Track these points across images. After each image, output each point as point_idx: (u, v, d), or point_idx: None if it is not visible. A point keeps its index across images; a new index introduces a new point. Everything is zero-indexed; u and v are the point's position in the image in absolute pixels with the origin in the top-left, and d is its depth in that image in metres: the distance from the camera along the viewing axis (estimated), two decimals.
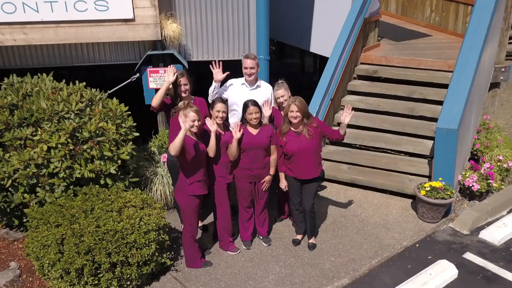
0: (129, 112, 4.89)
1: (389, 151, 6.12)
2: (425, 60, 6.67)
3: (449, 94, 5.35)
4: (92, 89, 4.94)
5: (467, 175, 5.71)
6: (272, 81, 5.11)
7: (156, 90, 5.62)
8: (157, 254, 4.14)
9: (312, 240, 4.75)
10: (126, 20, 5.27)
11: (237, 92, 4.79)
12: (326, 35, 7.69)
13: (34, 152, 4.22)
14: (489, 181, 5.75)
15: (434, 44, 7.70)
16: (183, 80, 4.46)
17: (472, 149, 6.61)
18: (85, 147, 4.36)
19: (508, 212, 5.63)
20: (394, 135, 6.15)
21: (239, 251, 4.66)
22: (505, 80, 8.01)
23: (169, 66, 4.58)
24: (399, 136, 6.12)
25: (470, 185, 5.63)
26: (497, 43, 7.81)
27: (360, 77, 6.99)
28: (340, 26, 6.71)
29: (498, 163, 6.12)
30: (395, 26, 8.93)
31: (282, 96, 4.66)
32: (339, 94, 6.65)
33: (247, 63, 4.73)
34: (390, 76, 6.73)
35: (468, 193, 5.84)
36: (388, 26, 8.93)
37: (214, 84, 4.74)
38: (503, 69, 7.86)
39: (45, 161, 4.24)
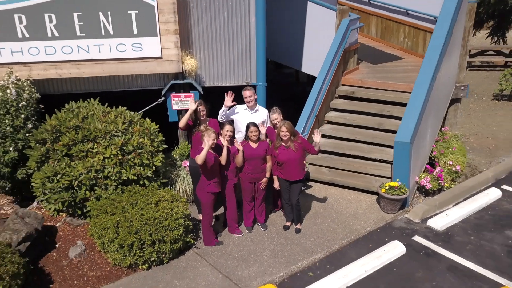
0: (159, 129, 6.45)
1: (361, 157, 7.66)
2: (393, 84, 8.21)
3: (405, 113, 6.90)
4: (127, 110, 6.49)
5: (422, 177, 7.27)
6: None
7: (178, 110, 7.21)
8: (183, 235, 5.68)
9: (298, 226, 6.30)
10: (155, 58, 6.82)
11: (241, 115, 6.35)
12: (315, 58, 9.19)
13: (93, 161, 5.77)
14: (440, 181, 7.32)
15: (404, 67, 9.23)
16: (201, 108, 6.01)
17: (431, 155, 8.17)
18: (129, 157, 5.92)
19: (454, 205, 7.19)
20: (366, 145, 7.70)
21: (243, 234, 6.22)
22: (464, 97, 9.56)
23: (191, 96, 6.13)
24: (370, 146, 7.67)
25: (424, 184, 7.19)
26: (458, 66, 9.37)
27: (341, 97, 8.54)
28: (326, 51, 8.26)
29: (449, 167, 7.68)
30: (374, 49, 10.47)
31: (275, 119, 6.20)
32: (323, 111, 8.20)
33: (246, 93, 6.29)
34: (365, 97, 8.28)
35: (423, 191, 7.39)
36: (369, 49, 10.47)
37: (224, 108, 6.30)
38: (462, 87, 9.41)
39: (101, 167, 5.79)
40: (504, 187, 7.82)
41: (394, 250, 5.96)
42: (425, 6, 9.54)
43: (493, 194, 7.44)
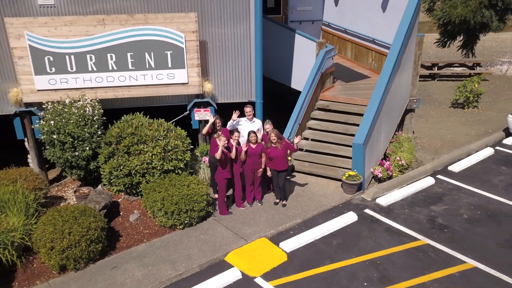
0: (184, 134, 9.21)
1: (332, 154, 10.42)
2: (357, 99, 10.96)
3: (361, 122, 9.64)
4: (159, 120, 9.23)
5: (376, 169, 10.03)
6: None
7: (199, 121, 9.96)
8: (206, 206, 8.43)
9: (284, 202, 9.06)
10: (183, 83, 9.57)
11: (243, 125, 9.13)
12: (301, 77, 11.89)
13: (145, 157, 8.53)
14: (388, 172, 10.09)
15: (369, 85, 11.94)
16: (217, 121, 8.77)
17: (385, 152, 10.93)
18: (169, 154, 8.68)
19: (398, 189, 9.93)
20: (336, 145, 10.46)
21: (246, 207, 8.98)
22: (417, 107, 12.31)
23: (208, 111, 8.89)
24: (338, 146, 10.43)
25: (377, 174, 9.95)
26: (411, 84, 12.11)
27: (319, 109, 11.29)
28: (309, 71, 10.96)
29: (396, 162, 10.44)
30: (349, 69, 13.21)
31: (268, 128, 8.93)
32: (305, 120, 10.95)
33: (247, 110, 9.07)
34: (337, 109, 11.03)
35: (377, 179, 10.16)
36: (345, 69, 13.21)
37: (231, 120, 9.06)
38: (415, 100, 12.16)
39: (150, 161, 8.55)
40: (438, 176, 10.59)
41: (349, 218, 8.73)
42: (387, 36, 12.24)
43: (428, 181, 10.21)
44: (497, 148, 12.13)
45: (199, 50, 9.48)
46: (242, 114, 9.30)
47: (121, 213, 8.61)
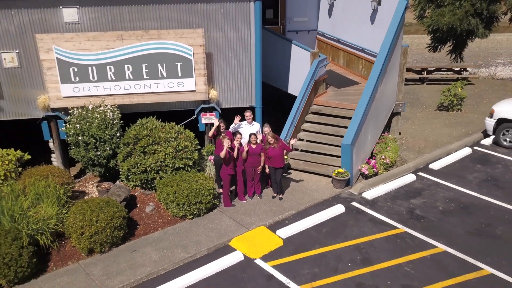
0: (193, 135, 10.43)
1: (324, 154, 11.63)
2: (347, 104, 12.17)
3: (349, 125, 10.86)
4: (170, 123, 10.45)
5: (363, 166, 11.25)
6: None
7: (205, 124, 11.18)
8: (212, 199, 9.65)
9: (280, 196, 10.29)
10: (191, 91, 10.78)
11: (244, 128, 10.33)
12: (297, 83, 13.09)
13: (159, 156, 9.75)
14: (374, 169, 11.31)
15: (359, 91, 13.11)
16: (221, 124, 9.99)
17: (372, 152, 12.15)
18: (179, 153, 9.90)
19: (382, 185, 11.15)
20: (327, 146, 11.68)
21: (247, 200, 10.20)
22: (403, 111, 13.53)
23: (213, 115, 10.12)
24: (330, 146, 11.65)
25: (364, 171, 11.17)
26: (397, 90, 13.33)
27: (313, 113, 12.50)
28: (304, 78, 12.16)
29: (382, 160, 11.65)
30: (341, 76, 14.42)
31: (266, 131, 10.13)
32: (300, 123, 12.17)
33: (247, 114, 10.30)
34: (328, 113, 12.25)
35: (364, 176, 11.37)
36: (338, 76, 14.42)
37: (233, 124, 10.28)
38: (401, 104, 13.37)
39: (163, 159, 9.77)
40: (419, 173, 11.81)
41: (337, 209, 9.96)
42: (375, 46, 13.41)
43: (409, 178, 11.43)
44: (475, 148, 13.35)
45: (206, 61, 10.69)
46: (242, 118, 10.51)
47: (138, 205, 9.83)
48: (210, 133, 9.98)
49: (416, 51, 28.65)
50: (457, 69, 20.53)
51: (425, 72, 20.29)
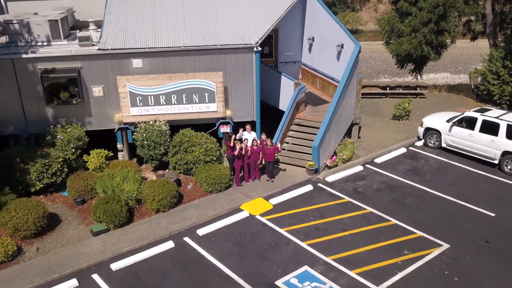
0: (215, 141, 16.17)
1: (302, 152, 17.33)
2: (319, 118, 17.83)
3: (318, 133, 16.55)
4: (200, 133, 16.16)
5: (327, 160, 16.97)
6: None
7: (223, 132, 16.93)
8: (228, 181, 15.35)
9: (272, 179, 16.02)
10: (214, 111, 16.48)
11: (245, 135, 16.05)
12: (284, 102, 18.70)
13: (195, 154, 15.49)
14: (335, 162, 17.04)
15: (328, 108, 18.79)
16: (233, 136, 15.71)
17: (335, 151, 17.87)
18: (208, 152, 15.64)
19: (339, 173, 16.84)
20: (304, 147, 17.37)
21: (250, 182, 15.94)
22: (359, 122, 19.21)
23: (228, 126, 15.89)
24: (305, 147, 17.32)
25: (328, 164, 16.90)
26: (355, 107, 19.04)
27: (295, 124, 18.19)
28: (289, 100, 17.81)
29: (340, 157, 17.35)
30: (317, 96, 20.08)
31: (263, 138, 15.81)
32: (287, 131, 17.84)
33: (247, 126, 16.09)
34: (306, 124, 17.94)
35: (328, 167, 17.09)
36: (315, 97, 20.08)
37: (239, 133, 16.01)
38: (358, 117, 19.09)
39: (198, 156, 15.51)
40: (366, 165, 17.51)
41: (308, 187, 15.68)
42: (340, 76, 19.02)
43: (358, 168, 17.12)
44: (410, 148, 19.05)
45: (224, 92, 16.39)
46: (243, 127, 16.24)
47: (182, 185, 15.56)
48: (231, 143, 15.64)
49: (392, 61, 33.83)
50: (413, 85, 26.12)
51: (388, 88, 25.93)
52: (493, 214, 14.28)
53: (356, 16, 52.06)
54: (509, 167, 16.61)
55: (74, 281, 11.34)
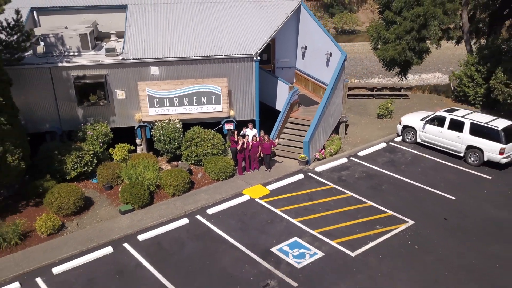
0: (221, 136, 19.00)
1: (295, 147, 20.13)
2: (309, 117, 20.60)
3: (308, 130, 19.36)
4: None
5: (316, 154, 19.79)
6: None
7: (227, 129, 19.76)
8: (232, 171, 18.17)
9: (269, 170, 18.84)
10: (219, 111, 19.27)
11: (247, 131, 18.88)
12: (280, 103, 21.48)
13: (204, 147, 18.31)
14: (323, 155, 19.86)
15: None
16: (236, 133, 18.52)
17: (324, 145, 20.68)
18: (215, 146, 18.47)
19: (327, 164, 19.67)
20: (297, 142, 20.17)
21: (250, 172, 18.76)
22: (346, 120, 22.02)
23: (232, 124, 18.74)
24: (298, 142, 20.12)
25: (317, 156, 19.72)
26: (342, 107, 21.86)
27: (289, 122, 20.97)
28: (284, 101, 20.59)
29: (328, 150, 20.17)
30: (309, 98, 22.87)
31: (262, 134, 18.61)
32: (282, 128, 20.63)
33: (249, 125, 18.89)
34: (299, 123, 20.72)
35: (317, 159, 19.90)
36: (307, 98, 22.87)
37: (243, 131, 18.83)
38: (345, 117, 21.91)
39: (206, 149, 18.33)
40: (351, 158, 20.30)
41: (299, 176, 18.51)
42: (329, 80, 21.79)
43: (343, 160, 19.92)
44: (389, 143, 21.86)
45: (228, 95, 19.19)
46: (246, 126, 19.04)
47: (193, 173, 18.39)
48: (236, 139, 18.41)
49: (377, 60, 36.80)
50: (398, 87, 28.88)
51: (375, 89, 28.71)
52: (453, 198, 17.11)
53: (353, 17, 54.68)
54: (472, 159, 19.43)
55: (109, 248, 14.17)
